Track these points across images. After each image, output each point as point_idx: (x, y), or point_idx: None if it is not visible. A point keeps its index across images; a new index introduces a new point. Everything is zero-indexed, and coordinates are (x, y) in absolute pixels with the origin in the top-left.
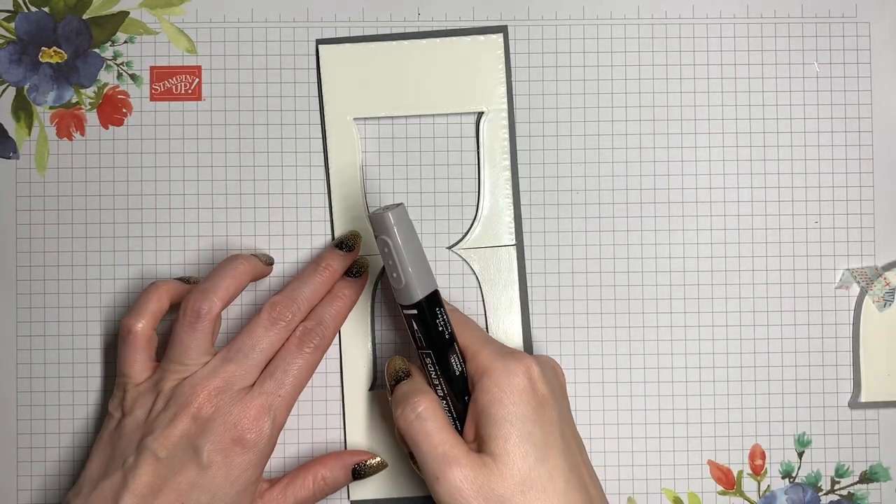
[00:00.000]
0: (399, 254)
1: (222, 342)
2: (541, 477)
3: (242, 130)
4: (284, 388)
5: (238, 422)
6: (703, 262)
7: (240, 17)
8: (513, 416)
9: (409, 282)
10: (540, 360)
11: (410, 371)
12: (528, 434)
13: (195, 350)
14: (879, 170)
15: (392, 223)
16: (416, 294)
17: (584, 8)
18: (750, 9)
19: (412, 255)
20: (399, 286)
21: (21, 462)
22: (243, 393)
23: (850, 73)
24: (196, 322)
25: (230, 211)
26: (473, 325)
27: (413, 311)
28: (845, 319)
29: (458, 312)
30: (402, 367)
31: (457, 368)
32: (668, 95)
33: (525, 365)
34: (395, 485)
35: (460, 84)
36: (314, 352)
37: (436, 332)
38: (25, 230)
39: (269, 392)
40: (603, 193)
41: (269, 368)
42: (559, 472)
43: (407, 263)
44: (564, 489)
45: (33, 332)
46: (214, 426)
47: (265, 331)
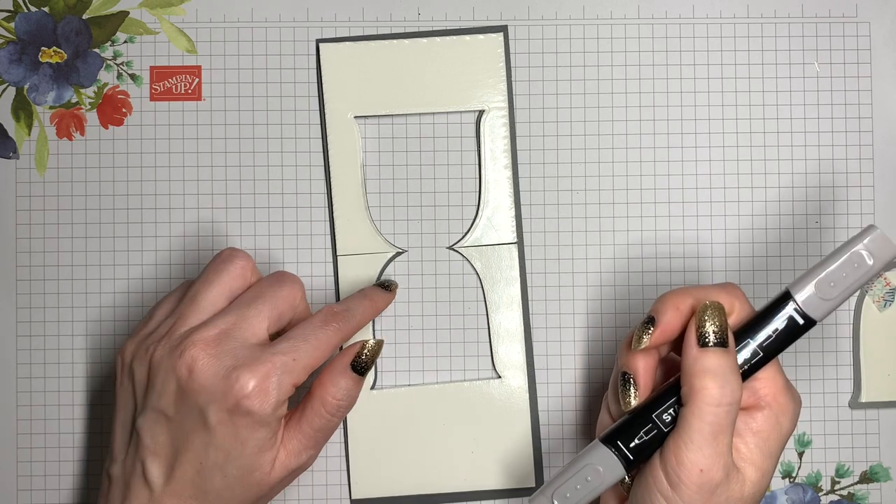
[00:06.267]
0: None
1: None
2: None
3: (242, 130)
4: (300, 352)
5: (241, 379)
6: (704, 261)
7: (240, 17)
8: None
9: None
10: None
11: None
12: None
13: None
14: (879, 170)
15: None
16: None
17: (584, 8)
18: (750, 9)
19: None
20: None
21: (21, 462)
22: (251, 347)
23: (850, 73)
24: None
25: (230, 211)
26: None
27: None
28: (845, 319)
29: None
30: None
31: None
32: (668, 95)
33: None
34: (395, 484)
35: (460, 83)
36: (336, 333)
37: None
38: (25, 230)
39: (282, 352)
40: (603, 193)
41: (288, 334)
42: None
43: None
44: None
45: (33, 332)
46: (215, 382)
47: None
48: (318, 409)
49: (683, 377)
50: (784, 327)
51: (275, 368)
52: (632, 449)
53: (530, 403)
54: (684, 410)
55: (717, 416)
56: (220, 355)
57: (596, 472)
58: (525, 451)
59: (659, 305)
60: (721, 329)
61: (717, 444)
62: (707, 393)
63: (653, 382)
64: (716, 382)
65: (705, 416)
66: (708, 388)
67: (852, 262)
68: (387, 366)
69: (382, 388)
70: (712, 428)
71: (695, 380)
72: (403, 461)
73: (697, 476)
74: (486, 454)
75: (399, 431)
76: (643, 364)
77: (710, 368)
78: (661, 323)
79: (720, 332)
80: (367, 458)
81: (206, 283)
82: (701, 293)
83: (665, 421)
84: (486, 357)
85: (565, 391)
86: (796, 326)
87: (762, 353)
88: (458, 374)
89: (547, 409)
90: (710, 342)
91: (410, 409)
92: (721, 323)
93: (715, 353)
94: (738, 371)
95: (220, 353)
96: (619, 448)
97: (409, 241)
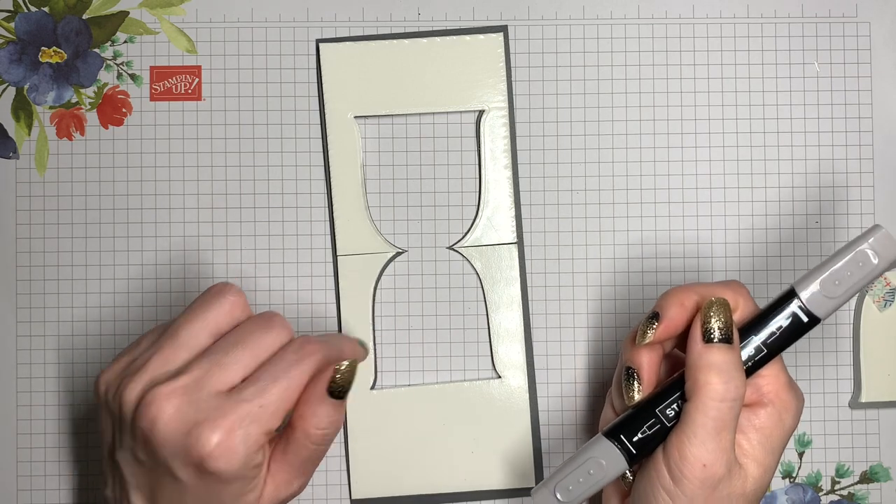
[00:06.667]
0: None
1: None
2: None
3: (242, 130)
4: (268, 397)
5: (202, 436)
6: (704, 261)
7: (240, 17)
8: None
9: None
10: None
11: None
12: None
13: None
14: (879, 170)
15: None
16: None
17: (584, 8)
18: (750, 9)
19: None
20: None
21: (21, 462)
22: (218, 397)
23: (850, 73)
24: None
25: (230, 211)
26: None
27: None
28: (845, 319)
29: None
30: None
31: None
32: (668, 95)
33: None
34: (395, 484)
35: (460, 83)
36: (310, 369)
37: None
38: (25, 230)
39: (247, 398)
40: (603, 193)
41: (256, 373)
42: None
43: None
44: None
45: (33, 333)
46: (177, 438)
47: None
48: (303, 441)
49: (688, 372)
50: (788, 325)
51: (239, 420)
52: (635, 443)
53: (530, 403)
54: (688, 405)
55: (720, 411)
56: (185, 408)
57: (599, 465)
58: (525, 451)
59: (663, 301)
60: (726, 325)
61: (720, 440)
62: (711, 388)
63: (657, 378)
64: (720, 378)
65: (709, 411)
66: (712, 384)
67: (857, 261)
68: (387, 366)
69: (382, 388)
70: (716, 423)
71: (699, 375)
72: (403, 461)
73: (700, 471)
74: (486, 454)
75: (399, 431)
76: (647, 359)
77: (715, 364)
78: (665, 318)
79: (725, 329)
80: (367, 458)
81: (190, 318)
82: (705, 290)
83: (668, 416)
84: (486, 357)
85: (565, 391)
86: (800, 324)
87: (766, 349)
88: (458, 374)
89: (547, 409)
90: (715, 338)
91: (410, 409)
92: (726, 319)
93: (720, 348)
94: (742, 367)
95: (185, 404)
96: (622, 442)
97: (409, 241)
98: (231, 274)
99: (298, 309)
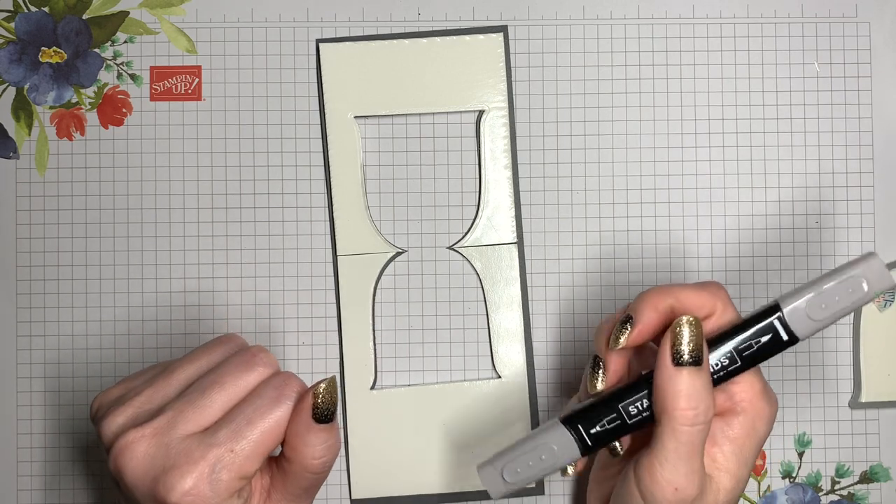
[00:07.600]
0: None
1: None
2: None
3: (242, 130)
4: (241, 440)
5: (168, 483)
6: (704, 261)
7: (240, 17)
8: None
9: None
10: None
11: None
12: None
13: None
14: (879, 170)
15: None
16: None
17: (584, 8)
18: (750, 9)
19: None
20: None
21: (21, 462)
22: (189, 439)
23: (850, 73)
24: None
25: (230, 211)
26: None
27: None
28: (845, 319)
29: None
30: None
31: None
32: (668, 95)
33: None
34: (395, 484)
35: (460, 83)
36: (290, 408)
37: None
38: (25, 230)
39: (219, 442)
40: (603, 193)
41: (231, 413)
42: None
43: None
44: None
45: (33, 332)
46: (146, 484)
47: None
48: (302, 473)
49: (656, 392)
50: (767, 340)
51: (209, 466)
52: (592, 435)
53: (530, 403)
54: (658, 429)
55: (691, 435)
56: (153, 452)
57: (551, 451)
58: None
59: (637, 304)
60: (696, 346)
61: (691, 462)
62: (681, 414)
63: (624, 371)
64: (689, 404)
65: (680, 436)
66: (681, 409)
67: (848, 287)
68: (387, 366)
69: (382, 388)
70: (687, 448)
71: (667, 400)
72: (403, 461)
73: (672, 494)
74: (486, 454)
75: (399, 431)
76: (616, 356)
77: (684, 390)
78: (638, 323)
79: (695, 351)
80: (367, 458)
81: (188, 360)
82: (681, 293)
83: (630, 413)
84: (486, 357)
85: (565, 391)
86: (779, 341)
87: (740, 361)
88: (458, 374)
89: (547, 409)
90: (684, 361)
91: (410, 409)
92: (696, 339)
93: (689, 372)
94: (711, 387)
95: (153, 448)
96: (578, 432)
97: (409, 241)
98: (231, 273)
99: (298, 309)
